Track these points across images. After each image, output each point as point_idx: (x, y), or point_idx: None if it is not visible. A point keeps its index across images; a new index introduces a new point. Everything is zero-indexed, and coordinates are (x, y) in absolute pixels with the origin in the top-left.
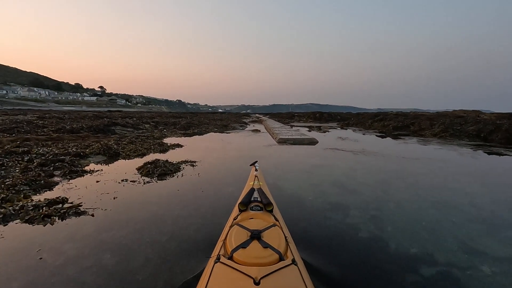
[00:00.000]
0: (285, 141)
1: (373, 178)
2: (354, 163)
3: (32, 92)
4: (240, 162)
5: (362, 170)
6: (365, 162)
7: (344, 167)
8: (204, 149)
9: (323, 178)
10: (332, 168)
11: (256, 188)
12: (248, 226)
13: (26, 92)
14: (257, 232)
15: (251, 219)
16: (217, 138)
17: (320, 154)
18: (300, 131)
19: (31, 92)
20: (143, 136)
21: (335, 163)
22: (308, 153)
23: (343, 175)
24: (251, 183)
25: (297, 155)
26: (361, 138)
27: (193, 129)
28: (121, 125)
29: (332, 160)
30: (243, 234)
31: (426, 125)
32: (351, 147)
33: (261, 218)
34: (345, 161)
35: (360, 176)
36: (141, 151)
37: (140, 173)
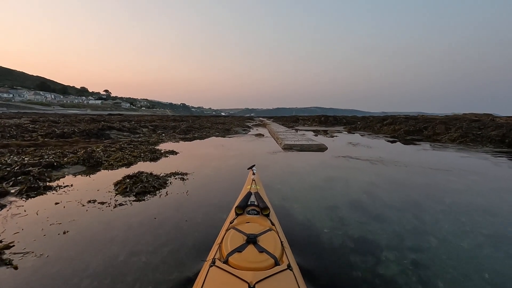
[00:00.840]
0: (291, 147)
1: (400, 197)
2: (373, 176)
3: (38, 96)
4: (240, 174)
5: (385, 186)
6: (387, 174)
7: (362, 181)
8: (201, 157)
9: (340, 197)
10: (349, 183)
11: (253, 192)
12: (244, 230)
13: (32, 96)
14: (253, 236)
15: (247, 223)
16: (218, 144)
17: (332, 163)
18: (307, 136)
19: (37, 95)
20: (136, 141)
21: (351, 175)
22: (318, 162)
23: (363, 192)
24: (248, 186)
25: (306, 165)
26: (373, 143)
27: (193, 134)
28: (117, 129)
29: (347, 172)
30: (239, 238)
31: (441, 129)
32: (366, 155)
33: (258, 222)
34: (363, 172)
35: (384, 194)
36: (128, 159)
37: (116, 190)
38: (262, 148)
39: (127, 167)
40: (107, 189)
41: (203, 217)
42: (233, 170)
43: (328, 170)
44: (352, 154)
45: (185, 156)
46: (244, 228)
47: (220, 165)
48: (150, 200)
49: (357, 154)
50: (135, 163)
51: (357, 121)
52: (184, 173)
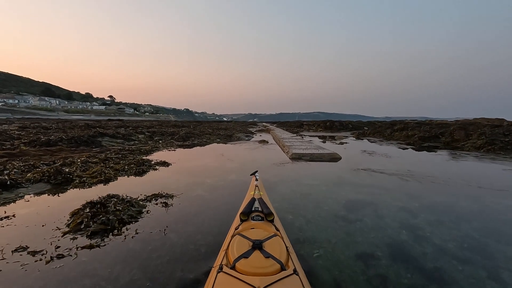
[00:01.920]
0: (300, 157)
1: (456, 236)
2: (410, 200)
3: (43, 102)
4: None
5: (431, 217)
6: (426, 197)
7: (398, 209)
8: (196, 170)
9: (373, 238)
10: (380, 212)
11: (256, 198)
12: (249, 236)
13: (37, 102)
14: (258, 242)
15: (252, 229)
16: (217, 153)
17: (351, 179)
18: (314, 143)
19: (42, 101)
20: (127, 150)
21: (380, 199)
22: (334, 178)
23: (404, 228)
24: (252, 192)
25: (320, 182)
26: (390, 152)
27: (193, 140)
28: (110, 136)
29: (374, 193)
30: (244, 244)
31: (461, 135)
32: (389, 167)
33: (262, 228)
34: (394, 195)
35: (433, 231)
36: (107, 174)
37: (67, 226)
38: (267, 157)
39: (105, 184)
40: (57, 223)
41: (181, 278)
42: (233, 189)
43: (349, 190)
44: (371, 165)
45: (177, 169)
46: (249, 234)
47: (216, 182)
48: (109, 244)
49: (378, 165)
50: (115, 179)
51: (363, 126)
52: (170, 194)
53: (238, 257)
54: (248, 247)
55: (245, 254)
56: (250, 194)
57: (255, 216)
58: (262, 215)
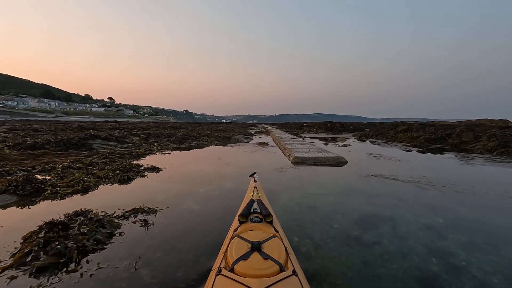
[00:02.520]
0: (302, 161)
1: (499, 266)
2: (431, 213)
3: (42, 103)
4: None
5: (460, 236)
6: (450, 209)
7: (420, 226)
8: (189, 176)
9: (396, 267)
10: (400, 229)
11: (255, 199)
12: (248, 238)
13: (37, 104)
14: (257, 244)
15: (251, 230)
16: (214, 156)
17: (361, 187)
18: (317, 145)
19: (41, 103)
20: (117, 153)
21: (398, 211)
22: (342, 185)
23: (431, 252)
24: (250, 194)
25: (327, 191)
26: (398, 155)
27: (190, 143)
28: (102, 138)
29: (390, 204)
30: (243, 246)
31: (469, 137)
32: (401, 172)
33: (261, 230)
34: (413, 206)
35: (467, 257)
36: (86, 183)
37: (13, 257)
38: (267, 161)
39: (82, 194)
40: (2, 253)
41: None
42: (229, 201)
43: (361, 202)
44: (381, 171)
45: (168, 176)
46: (248, 235)
47: (211, 192)
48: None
49: (388, 171)
50: (94, 188)
51: (365, 127)
52: (153, 209)
53: (236, 259)
54: (247, 249)
55: (244, 256)
56: (248, 196)
57: (253, 217)
58: (260, 216)
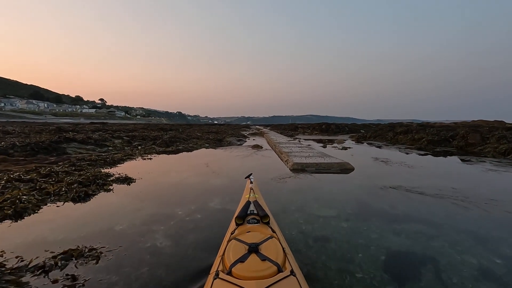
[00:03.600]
0: (303, 168)
1: None
2: (483, 248)
3: (31, 105)
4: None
5: None
6: (507, 240)
7: (474, 272)
8: (166, 190)
9: None
10: (447, 280)
11: (252, 200)
12: (245, 240)
13: (25, 105)
14: (254, 245)
15: (248, 232)
16: (202, 161)
17: (379, 205)
18: (316, 148)
19: (30, 104)
20: (86, 160)
21: (438, 246)
22: (355, 202)
23: None
24: (247, 196)
25: (338, 211)
26: (407, 159)
27: (177, 146)
28: (79, 141)
29: (423, 232)
30: (241, 248)
31: (475, 139)
32: (422, 183)
33: (258, 231)
34: (455, 235)
35: None
36: (24, 203)
37: None
38: (262, 168)
39: (14, 220)
40: None
41: None
42: (214, 232)
43: (384, 228)
44: (397, 180)
45: (141, 190)
46: (245, 237)
47: (191, 216)
48: None
49: (405, 179)
50: (34, 211)
51: (360, 129)
52: (97, 251)
53: (234, 262)
54: (244, 251)
55: (241, 259)
56: (245, 198)
57: (250, 219)
58: (257, 217)
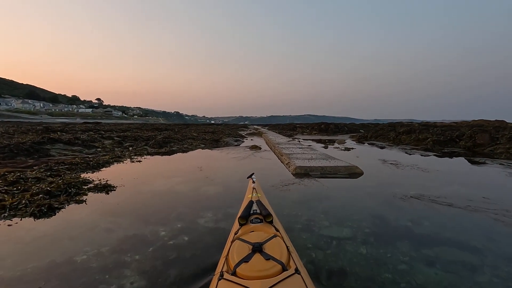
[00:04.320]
0: (307, 172)
1: None
2: None
3: (26, 105)
4: None
5: None
6: None
7: None
8: (149, 202)
9: None
10: None
11: (254, 200)
12: (249, 240)
13: (20, 105)
14: (258, 245)
15: (251, 232)
16: (196, 164)
17: (402, 221)
18: (317, 149)
19: (25, 104)
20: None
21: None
22: (371, 217)
23: None
24: (250, 195)
25: (353, 230)
26: (417, 161)
27: (171, 146)
28: (65, 142)
29: (463, 262)
30: (244, 248)
31: (484, 139)
32: (446, 191)
33: (262, 230)
34: (508, 268)
35: None
36: None
37: None
38: (262, 172)
39: None
40: None
41: None
42: (204, 262)
43: (412, 256)
44: (415, 187)
45: (119, 202)
46: (249, 237)
47: (175, 239)
48: None
49: (424, 187)
50: None
51: (359, 129)
52: None
53: (238, 262)
54: (248, 251)
55: (245, 259)
56: (248, 197)
57: (253, 219)
58: (260, 217)
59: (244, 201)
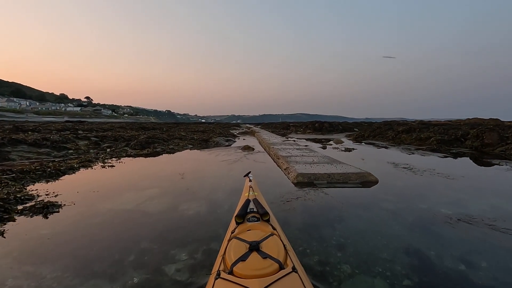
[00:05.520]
0: (311, 180)
1: None
2: None
3: (12, 103)
4: None
5: None
6: None
7: None
8: (103, 230)
9: None
10: None
11: (251, 199)
12: (246, 238)
13: (5, 103)
14: (255, 243)
15: (248, 230)
16: (178, 169)
17: (452, 262)
18: (317, 151)
19: (10, 102)
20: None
21: None
22: (407, 252)
23: None
24: (246, 194)
25: (388, 280)
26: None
27: (155, 147)
28: (29, 143)
29: None
30: (241, 246)
31: (493, 138)
32: (489, 207)
33: (259, 229)
34: None
35: None
36: None
37: None
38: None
39: None
40: None
41: None
42: None
43: None
44: (452, 202)
45: (52, 234)
46: (245, 236)
47: None
48: None
49: (460, 201)
50: None
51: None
52: None
53: (235, 261)
54: (245, 250)
55: (242, 257)
56: (244, 196)
57: (250, 217)
58: (257, 215)
59: (240, 199)
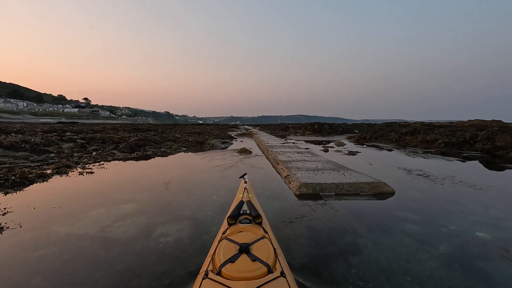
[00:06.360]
0: (316, 191)
1: None
2: None
3: (9, 104)
4: None
5: None
6: None
7: None
8: (47, 266)
9: None
10: None
11: (245, 200)
12: (237, 240)
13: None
14: (245, 246)
15: (240, 232)
16: (165, 177)
17: None
18: (319, 155)
19: (7, 103)
20: None
21: None
22: None
23: None
24: (240, 195)
25: None
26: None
27: (146, 150)
28: (5, 147)
29: None
30: (231, 248)
31: (506, 141)
32: None
33: (250, 231)
34: None
35: None
36: None
37: None
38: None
39: None
40: None
41: None
42: None
43: None
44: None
45: None
46: (236, 237)
47: None
48: None
49: (488, 217)
50: None
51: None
52: None
53: (224, 262)
54: (235, 251)
55: (231, 259)
56: (238, 197)
57: (243, 219)
58: (250, 217)
59: (234, 200)
